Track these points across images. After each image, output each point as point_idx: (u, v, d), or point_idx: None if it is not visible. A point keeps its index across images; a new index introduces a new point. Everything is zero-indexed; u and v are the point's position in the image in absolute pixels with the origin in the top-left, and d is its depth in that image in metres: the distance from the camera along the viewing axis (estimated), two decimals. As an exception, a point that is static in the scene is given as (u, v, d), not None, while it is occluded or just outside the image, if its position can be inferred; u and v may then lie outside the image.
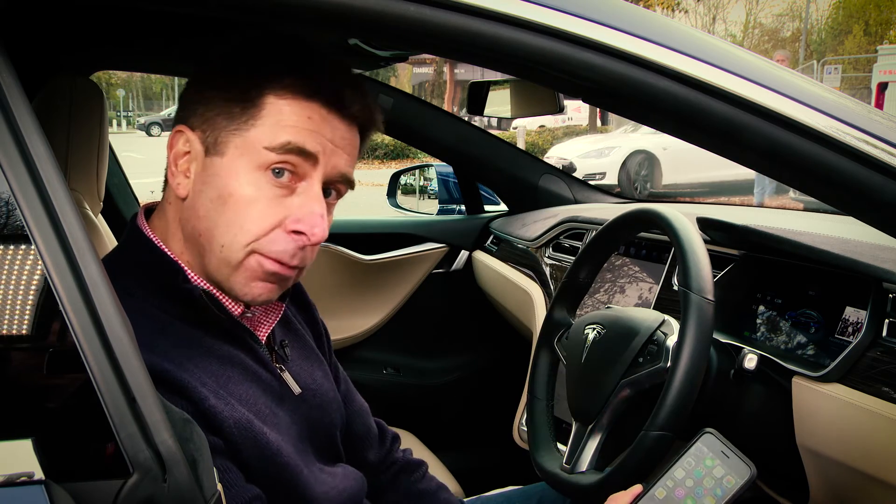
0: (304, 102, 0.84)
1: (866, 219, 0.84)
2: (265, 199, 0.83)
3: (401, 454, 1.19)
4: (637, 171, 11.30)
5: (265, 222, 0.83)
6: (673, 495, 0.89)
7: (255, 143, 0.83)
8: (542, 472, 1.17)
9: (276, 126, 0.83)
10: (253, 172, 0.83)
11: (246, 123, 0.83)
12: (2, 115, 0.59)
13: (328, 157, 0.85)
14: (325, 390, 1.03)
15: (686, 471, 0.90)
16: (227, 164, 0.84)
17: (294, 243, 0.84)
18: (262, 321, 0.96)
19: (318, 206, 0.85)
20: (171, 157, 0.88)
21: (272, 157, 0.82)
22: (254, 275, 0.85)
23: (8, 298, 0.59)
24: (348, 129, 0.88)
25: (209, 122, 0.85)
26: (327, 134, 0.85)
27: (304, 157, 0.83)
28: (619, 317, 1.14)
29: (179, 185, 0.87)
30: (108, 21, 1.26)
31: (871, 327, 1.06)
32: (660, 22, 0.77)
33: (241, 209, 0.83)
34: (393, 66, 2.78)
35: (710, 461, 0.90)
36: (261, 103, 0.83)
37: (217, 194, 0.84)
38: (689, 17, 32.08)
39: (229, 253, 0.84)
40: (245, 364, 0.89)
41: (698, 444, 0.91)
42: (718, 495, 0.87)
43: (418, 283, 2.31)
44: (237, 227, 0.83)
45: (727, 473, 0.88)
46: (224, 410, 0.82)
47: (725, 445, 0.90)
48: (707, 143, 0.83)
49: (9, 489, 0.56)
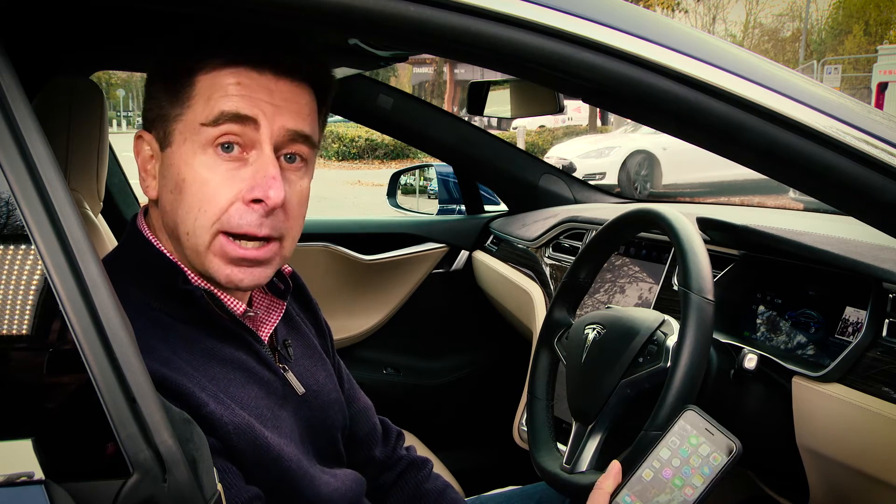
0: (230, 70, 0.83)
1: (866, 219, 0.84)
2: (218, 176, 0.83)
3: (405, 452, 1.19)
4: (637, 171, 11.31)
5: (222, 199, 0.83)
6: (660, 476, 0.87)
7: (193, 123, 0.83)
8: (542, 472, 1.17)
9: (209, 100, 0.82)
10: (200, 153, 0.83)
11: (183, 107, 0.84)
12: (2, 115, 0.59)
13: (271, 119, 0.83)
14: (328, 391, 1.02)
15: (671, 450, 0.88)
16: (176, 153, 0.84)
17: (256, 213, 0.83)
18: (264, 320, 0.96)
19: (271, 168, 0.83)
20: (140, 164, 0.89)
21: (213, 132, 0.82)
22: (224, 259, 0.84)
23: (8, 298, 0.59)
24: (291, 86, 0.85)
25: (158, 118, 0.86)
26: (263, 96, 0.83)
27: (242, 124, 0.82)
28: (619, 317, 1.14)
29: (148, 188, 0.89)
30: (108, 21, 1.26)
31: (871, 327, 1.06)
32: (660, 22, 0.77)
33: (196, 192, 0.83)
34: (393, 66, 2.78)
35: (695, 439, 0.88)
36: (192, 83, 0.83)
37: (174, 184, 0.85)
38: (689, 17, 32.09)
39: (195, 239, 0.84)
40: (247, 366, 0.89)
41: (681, 422, 0.89)
42: (706, 473, 0.86)
43: (418, 283, 2.31)
44: (196, 210, 0.83)
45: (713, 451, 0.87)
46: (224, 415, 0.82)
47: (709, 422, 0.88)
48: (707, 143, 0.83)
49: (9, 489, 0.56)
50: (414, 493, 1.14)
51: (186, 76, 0.84)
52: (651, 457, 0.89)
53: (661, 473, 0.87)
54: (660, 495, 0.86)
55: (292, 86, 0.86)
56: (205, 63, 0.83)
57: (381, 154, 17.00)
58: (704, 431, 0.88)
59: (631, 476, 0.89)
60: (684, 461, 0.87)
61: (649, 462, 0.88)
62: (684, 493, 0.86)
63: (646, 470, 0.88)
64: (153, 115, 0.87)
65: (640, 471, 0.88)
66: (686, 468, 0.87)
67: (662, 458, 0.88)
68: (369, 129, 13.63)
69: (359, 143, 17.02)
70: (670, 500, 0.86)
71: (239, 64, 0.83)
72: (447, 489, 1.17)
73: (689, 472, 0.86)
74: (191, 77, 0.84)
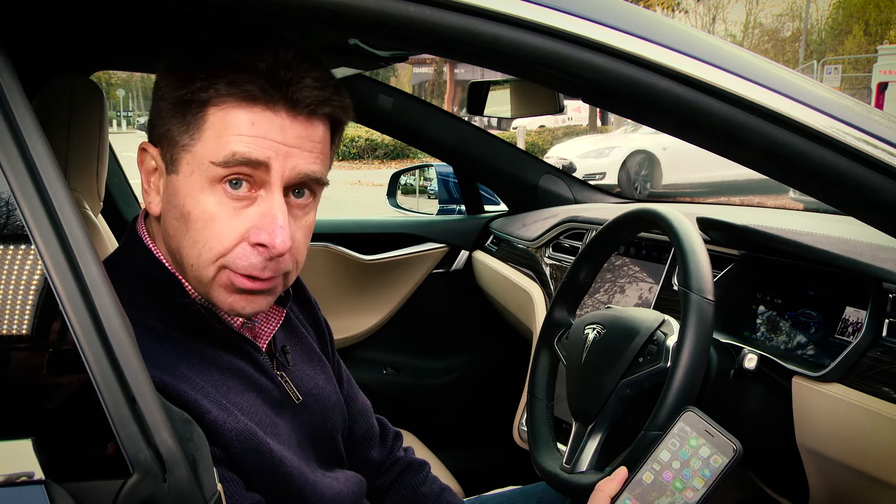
0: (244, 108, 0.78)
1: (866, 219, 0.84)
2: (225, 214, 0.80)
3: (403, 453, 1.18)
4: (637, 171, 11.31)
5: (227, 238, 0.80)
6: (660, 479, 0.87)
7: (202, 158, 0.79)
8: (542, 472, 1.17)
9: (219, 138, 0.78)
10: (207, 188, 0.80)
11: (192, 138, 0.80)
12: (2, 115, 0.59)
13: (283, 161, 0.79)
14: (328, 394, 1.02)
15: (671, 452, 0.88)
16: (182, 182, 0.81)
17: (261, 256, 0.81)
18: (263, 329, 0.95)
19: (279, 216, 0.80)
20: (143, 175, 0.86)
21: (221, 172, 0.79)
22: (229, 289, 0.82)
23: (8, 298, 0.59)
24: (305, 124, 0.81)
25: (164, 138, 0.83)
26: (276, 137, 0.79)
27: (253, 167, 0.79)
28: (619, 317, 1.14)
29: (151, 203, 0.86)
30: (108, 21, 1.26)
31: (871, 327, 1.06)
32: (660, 22, 0.77)
33: (202, 227, 0.80)
34: (393, 66, 2.78)
35: (695, 441, 0.87)
36: (203, 116, 0.79)
37: (178, 213, 0.82)
38: (689, 17, 32.09)
39: (199, 271, 0.82)
40: (246, 373, 0.88)
41: (680, 424, 0.89)
42: (707, 476, 0.85)
43: (418, 283, 2.31)
44: (200, 245, 0.81)
45: (713, 453, 0.86)
46: (227, 422, 0.81)
47: (708, 423, 0.88)
48: (707, 143, 0.83)
49: (9, 489, 0.56)
50: (411, 496, 1.14)
51: (197, 107, 0.79)
52: (651, 459, 0.88)
53: (662, 476, 0.87)
54: (660, 498, 0.86)
55: (307, 123, 0.81)
56: (215, 93, 0.79)
57: (381, 154, 17.00)
58: (704, 433, 0.87)
59: (631, 479, 0.88)
60: (684, 463, 0.87)
61: (649, 465, 0.88)
62: (685, 496, 0.85)
63: (646, 473, 0.88)
64: (160, 132, 0.83)
65: (641, 473, 0.88)
66: (686, 471, 0.86)
67: (662, 461, 0.88)
68: (369, 129, 13.64)
69: (359, 143, 17.03)
70: (671, 502, 0.86)
71: (253, 102, 0.78)
72: (444, 491, 1.17)
73: (690, 475, 0.86)
74: (202, 109, 0.79)
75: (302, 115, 0.81)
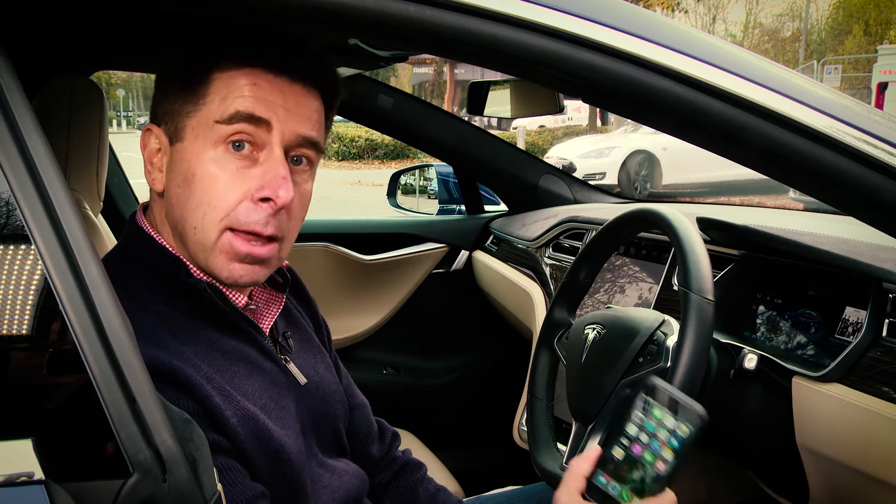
0: (247, 70, 0.84)
1: (866, 219, 0.84)
2: (228, 174, 0.84)
3: (400, 454, 1.19)
4: (637, 171, 11.31)
5: (231, 196, 0.84)
6: (630, 453, 0.86)
7: (207, 120, 0.84)
8: (542, 472, 1.17)
9: (224, 99, 0.84)
10: (211, 150, 0.84)
11: (197, 104, 0.85)
12: (2, 115, 0.59)
13: (283, 122, 0.85)
14: (328, 382, 1.04)
15: (637, 425, 0.87)
16: (187, 148, 0.86)
17: (264, 211, 0.85)
18: (265, 313, 0.98)
19: (282, 169, 0.85)
20: (146, 157, 0.90)
21: (226, 130, 0.83)
22: (229, 255, 0.86)
23: (8, 298, 0.59)
24: (303, 91, 0.87)
25: (169, 113, 0.87)
26: (277, 99, 0.85)
27: (256, 125, 0.84)
28: (619, 317, 1.14)
29: (155, 180, 0.90)
30: (108, 21, 1.26)
31: (871, 327, 1.07)
32: (660, 22, 0.77)
33: (206, 187, 0.84)
34: (393, 66, 2.78)
35: (659, 411, 0.86)
36: (208, 81, 0.85)
37: (182, 178, 0.86)
38: (689, 17, 32.09)
39: (203, 234, 0.85)
40: (250, 357, 0.90)
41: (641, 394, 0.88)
42: (675, 446, 0.84)
43: (418, 283, 2.31)
44: (205, 205, 0.84)
45: (679, 422, 0.85)
46: (229, 408, 0.82)
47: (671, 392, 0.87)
48: (707, 143, 0.83)
49: (9, 489, 0.56)
50: (409, 495, 1.15)
51: (203, 74, 0.85)
52: (619, 435, 0.87)
53: (632, 450, 0.86)
54: (633, 472, 0.86)
55: (304, 90, 0.88)
56: (222, 62, 0.85)
57: (381, 154, 17.00)
58: (668, 402, 0.86)
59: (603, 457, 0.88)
60: (651, 435, 0.86)
61: (618, 440, 0.87)
62: (656, 468, 0.85)
63: (615, 448, 0.87)
64: (164, 110, 0.88)
65: (611, 450, 0.88)
66: (654, 442, 0.85)
67: (630, 435, 0.87)
68: (369, 129, 13.62)
69: (359, 143, 17.03)
70: (643, 476, 0.85)
71: (255, 66, 0.84)
72: (440, 493, 1.17)
73: (659, 447, 0.85)
74: (207, 75, 0.85)
75: (298, 83, 0.87)
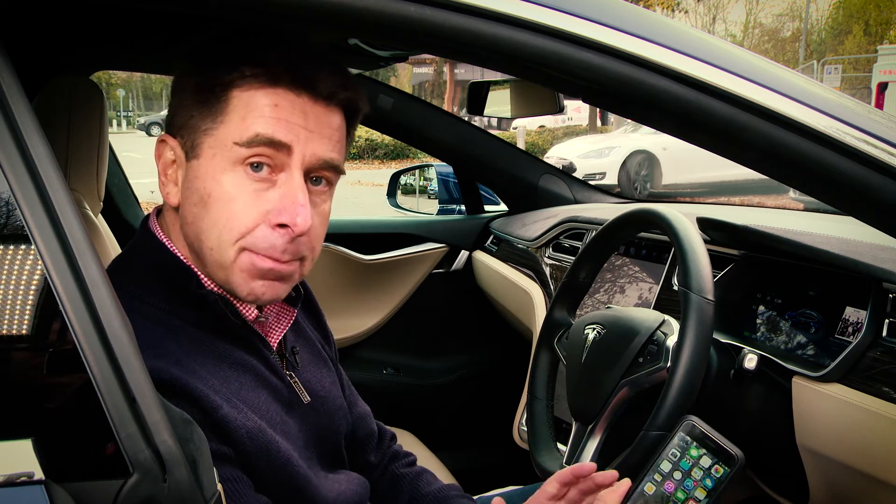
0: (267, 90, 0.81)
1: (866, 219, 0.84)
2: (245, 195, 0.81)
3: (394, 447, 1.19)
4: (637, 171, 11.30)
5: (247, 218, 0.81)
6: (662, 490, 0.86)
7: (225, 140, 0.81)
8: (542, 472, 1.17)
9: (243, 120, 0.80)
10: (229, 170, 0.81)
11: (215, 122, 0.82)
12: (2, 115, 0.59)
13: (304, 145, 0.82)
14: (334, 397, 1.02)
15: (672, 462, 0.87)
16: (203, 166, 0.83)
17: (281, 238, 0.82)
18: (274, 327, 0.95)
19: (300, 195, 0.82)
20: (161, 168, 0.88)
21: (244, 153, 0.80)
22: (250, 273, 0.83)
23: (8, 298, 0.59)
24: (325, 111, 0.84)
25: (185, 127, 0.84)
26: (298, 120, 0.81)
27: (276, 148, 0.80)
28: (619, 317, 1.14)
29: (169, 194, 0.87)
30: (108, 21, 1.26)
31: (871, 327, 1.06)
32: (660, 22, 0.77)
33: (222, 208, 0.81)
34: (393, 66, 2.78)
35: (696, 451, 0.87)
36: (226, 99, 0.81)
37: (199, 197, 0.83)
38: (689, 17, 32.09)
39: (219, 254, 0.83)
40: (257, 370, 0.88)
41: (680, 434, 0.88)
42: (709, 486, 0.85)
43: (418, 283, 2.31)
44: (221, 226, 0.82)
45: (714, 462, 0.86)
46: (237, 419, 0.81)
47: (708, 432, 0.87)
48: (707, 143, 0.83)
49: (9, 489, 0.56)
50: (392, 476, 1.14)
51: (221, 90, 0.81)
52: (652, 470, 0.88)
53: (664, 487, 0.87)
54: None
55: (326, 109, 0.84)
56: (240, 77, 0.81)
57: (381, 154, 17.00)
58: (705, 443, 0.87)
59: (633, 490, 0.88)
60: (686, 474, 0.87)
61: (650, 475, 0.88)
62: None
63: (647, 483, 0.88)
64: (180, 122, 0.85)
65: (642, 484, 0.88)
66: (688, 481, 0.86)
67: (664, 472, 0.87)
68: (369, 129, 13.61)
69: (359, 143, 17.01)
70: None
71: (277, 85, 0.81)
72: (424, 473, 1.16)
73: (692, 486, 0.86)
74: (225, 92, 0.81)
75: (321, 102, 0.83)
